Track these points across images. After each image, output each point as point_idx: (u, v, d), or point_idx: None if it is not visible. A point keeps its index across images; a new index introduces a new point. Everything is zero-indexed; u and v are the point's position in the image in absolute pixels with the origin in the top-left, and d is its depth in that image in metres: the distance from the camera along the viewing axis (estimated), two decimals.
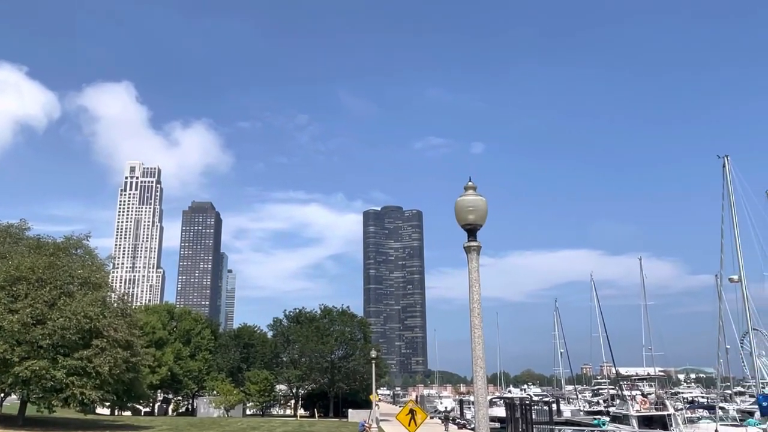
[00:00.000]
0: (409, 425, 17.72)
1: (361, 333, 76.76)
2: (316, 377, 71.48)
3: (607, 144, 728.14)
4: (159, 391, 73.85)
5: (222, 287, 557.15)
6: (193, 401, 79.46)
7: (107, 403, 55.05)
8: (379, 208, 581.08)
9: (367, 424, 44.21)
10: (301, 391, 76.70)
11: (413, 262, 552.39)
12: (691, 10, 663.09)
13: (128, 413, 66.83)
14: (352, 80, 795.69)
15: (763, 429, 25.99)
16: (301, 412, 76.52)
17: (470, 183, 9.59)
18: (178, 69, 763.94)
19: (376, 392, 59.40)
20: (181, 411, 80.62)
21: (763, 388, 39.03)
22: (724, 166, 37.67)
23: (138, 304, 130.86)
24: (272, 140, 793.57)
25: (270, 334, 79.16)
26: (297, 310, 77.86)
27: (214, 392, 70.97)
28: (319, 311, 76.73)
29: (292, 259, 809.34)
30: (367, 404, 61.90)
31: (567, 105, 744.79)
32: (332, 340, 70.98)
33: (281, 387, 77.67)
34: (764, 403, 27.87)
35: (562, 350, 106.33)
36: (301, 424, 51.18)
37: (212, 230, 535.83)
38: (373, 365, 54.07)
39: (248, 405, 74.15)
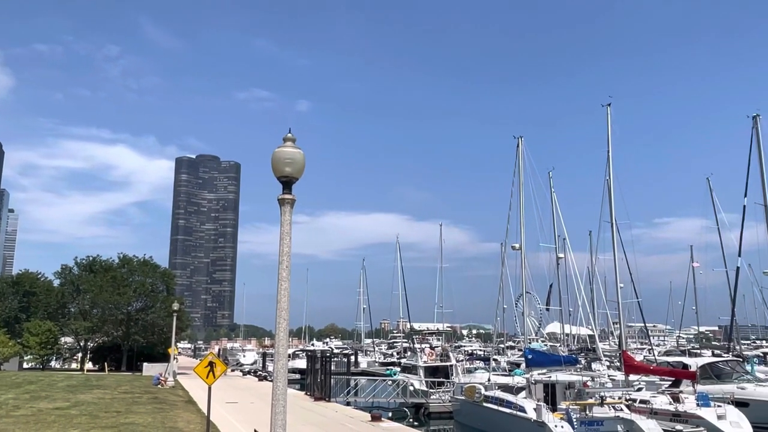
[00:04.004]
0: (207, 377, 17.38)
1: (164, 285, 73.38)
2: (108, 329, 67.03)
3: (416, 116, 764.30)
4: None
5: (0, 228, 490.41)
6: None
7: None
8: (194, 156, 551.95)
9: (162, 378, 42.67)
10: (91, 344, 71.44)
11: (227, 214, 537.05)
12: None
13: None
14: (169, 17, 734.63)
15: (525, 378, 30.07)
16: (89, 365, 71.25)
17: (290, 135, 9.42)
18: None
19: (176, 345, 57.51)
20: None
21: (530, 343, 45.14)
22: (518, 146, 41.88)
23: None
24: (74, 69, 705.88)
25: (57, 283, 72.40)
26: (91, 258, 72.11)
27: None
28: (117, 260, 71.88)
29: (90, 203, 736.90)
30: (164, 358, 59.63)
31: (384, 75, 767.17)
32: (130, 291, 66.80)
33: (67, 339, 71.59)
34: (529, 356, 32.08)
35: (364, 306, 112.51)
36: (88, 378, 47.61)
37: None
38: (174, 318, 52.08)
39: (27, 358, 67.48)
